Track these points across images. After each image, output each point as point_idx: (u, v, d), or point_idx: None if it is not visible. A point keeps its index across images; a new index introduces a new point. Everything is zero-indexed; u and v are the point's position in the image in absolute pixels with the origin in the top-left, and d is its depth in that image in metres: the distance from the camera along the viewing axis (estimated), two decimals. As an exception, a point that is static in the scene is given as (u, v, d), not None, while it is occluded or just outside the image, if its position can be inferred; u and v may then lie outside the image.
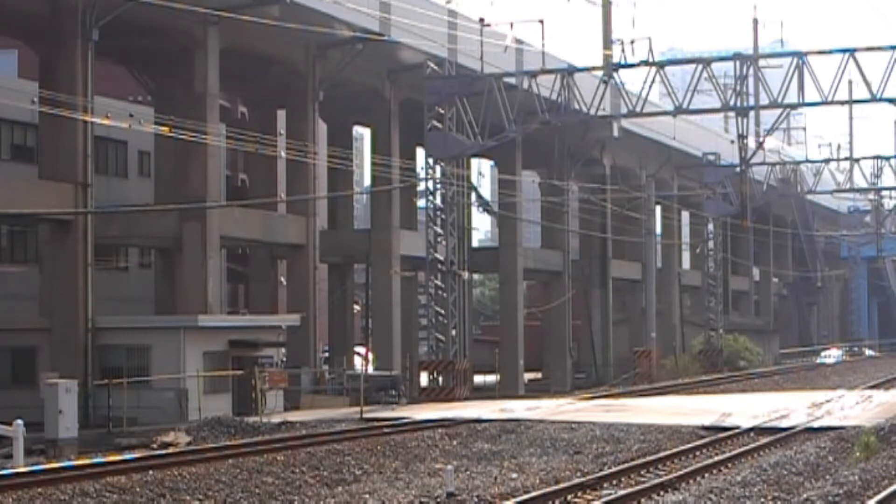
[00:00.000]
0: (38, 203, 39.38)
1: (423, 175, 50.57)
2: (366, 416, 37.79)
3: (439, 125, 47.26)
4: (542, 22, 52.01)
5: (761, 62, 48.70)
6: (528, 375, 67.55)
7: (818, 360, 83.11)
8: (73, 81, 39.78)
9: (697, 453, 28.36)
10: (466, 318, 55.61)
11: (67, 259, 40.69)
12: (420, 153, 56.28)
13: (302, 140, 48.18)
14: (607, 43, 53.68)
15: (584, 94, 47.47)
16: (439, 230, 48.29)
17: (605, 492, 22.14)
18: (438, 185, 48.61)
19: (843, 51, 44.73)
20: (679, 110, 48.67)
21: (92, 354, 40.42)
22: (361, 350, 60.35)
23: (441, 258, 48.31)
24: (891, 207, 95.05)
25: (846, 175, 78.47)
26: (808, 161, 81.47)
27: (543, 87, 47.56)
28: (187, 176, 44.72)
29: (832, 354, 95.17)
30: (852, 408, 39.17)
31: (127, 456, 27.50)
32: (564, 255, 69.39)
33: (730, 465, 25.99)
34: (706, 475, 24.33)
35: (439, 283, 48.31)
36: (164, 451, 28.99)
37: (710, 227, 75.23)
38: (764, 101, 49.94)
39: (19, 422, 28.47)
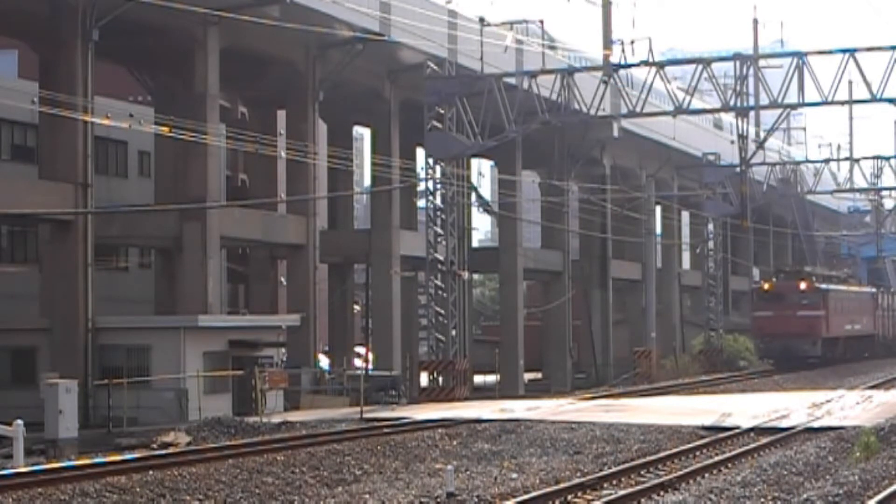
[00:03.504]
0: (38, 203, 39.38)
1: (423, 175, 50.58)
2: (366, 416, 37.78)
3: (439, 125, 47.26)
4: (542, 22, 52.15)
5: (761, 62, 48.72)
6: (528, 375, 67.54)
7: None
8: (73, 81, 39.78)
9: (697, 453, 28.37)
10: (466, 318, 55.62)
11: (67, 259, 40.68)
12: (420, 153, 56.29)
13: (302, 140, 48.18)
14: (607, 43, 53.80)
15: (584, 94, 47.49)
16: (439, 230, 48.29)
17: (605, 492, 22.16)
18: (438, 185, 48.62)
19: (843, 51, 44.73)
20: (679, 110, 48.70)
21: (92, 354, 40.41)
22: (361, 350, 60.33)
23: (441, 258, 48.32)
24: (891, 207, 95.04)
25: (846, 175, 78.48)
26: (807, 161, 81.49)
27: (543, 87, 47.58)
28: (187, 176, 44.72)
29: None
30: (852, 408, 39.17)
31: (127, 456, 27.52)
32: (564, 255, 69.39)
33: (730, 465, 25.99)
34: (706, 475, 24.34)
35: (439, 283, 48.31)
36: (164, 451, 29.00)
37: (710, 227, 75.22)
38: (764, 101, 49.96)
39: (19, 422, 28.48)
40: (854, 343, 77.67)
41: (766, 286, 72.89)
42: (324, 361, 52.50)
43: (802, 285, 70.45)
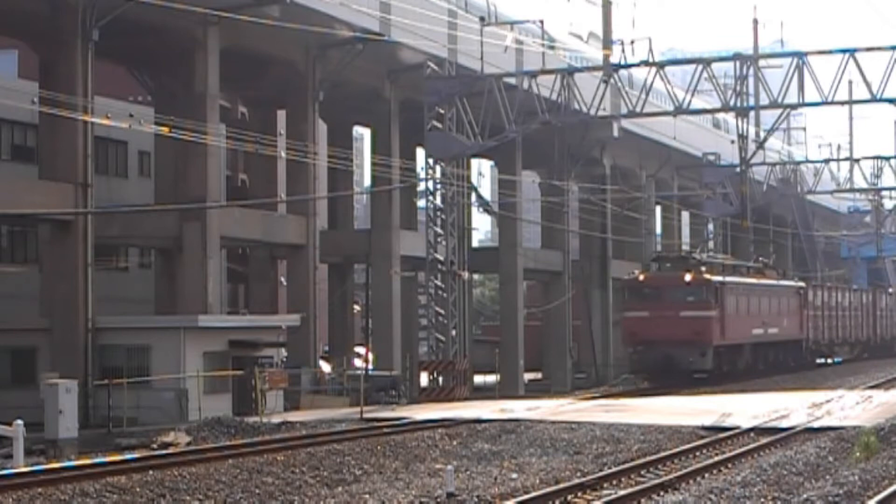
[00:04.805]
0: (38, 203, 39.37)
1: (423, 175, 50.60)
2: (366, 416, 37.78)
3: (439, 125, 47.29)
4: (542, 22, 52.15)
5: (761, 62, 48.76)
6: (528, 375, 67.54)
7: (818, 360, 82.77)
8: (73, 81, 39.77)
9: (697, 453, 28.35)
10: (466, 318, 55.61)
11: (67, 259, 40.68)
12: (420, 153, 56.29)
13: (302, 140, 48.18)
14: (607, 43, 53.81)
15: (584, 94, 47.49)
16: (439, 230, 48.30)
17: (605, 492, 22.14)
18: (438, 185, 48.64)
19: (843, 51, 44.74)
20: (679, 110, 48.70)
21: (92, 354, 40.41)
22: (361, 350, 60.34)
23: (441, 258, 48.32)
24: (891, 207, 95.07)
25: (846, 175, 78.50)
26: (807, 161, 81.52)
27: (543, 87, 47.59)
28: (187, 176, 44.72)
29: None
30: (852, 408, 39.16)
31: (127, 456, 27.53)
32: (564, 255, 69.40)
33: (730, 465, 25.98)
34: (706, 475, 24.33)
35: (439, 283, 48.32)
36: (164, 451, 29.01)
37: (710, 227, 75.21)
38: (764, 101, 49.97)
39: (19, 422, 28.48)
40: (768, 351, 63.17)
41: (641, 277, 56.98)
42: (324, 367, 52.48)
43: (687, 277, 55.00)
